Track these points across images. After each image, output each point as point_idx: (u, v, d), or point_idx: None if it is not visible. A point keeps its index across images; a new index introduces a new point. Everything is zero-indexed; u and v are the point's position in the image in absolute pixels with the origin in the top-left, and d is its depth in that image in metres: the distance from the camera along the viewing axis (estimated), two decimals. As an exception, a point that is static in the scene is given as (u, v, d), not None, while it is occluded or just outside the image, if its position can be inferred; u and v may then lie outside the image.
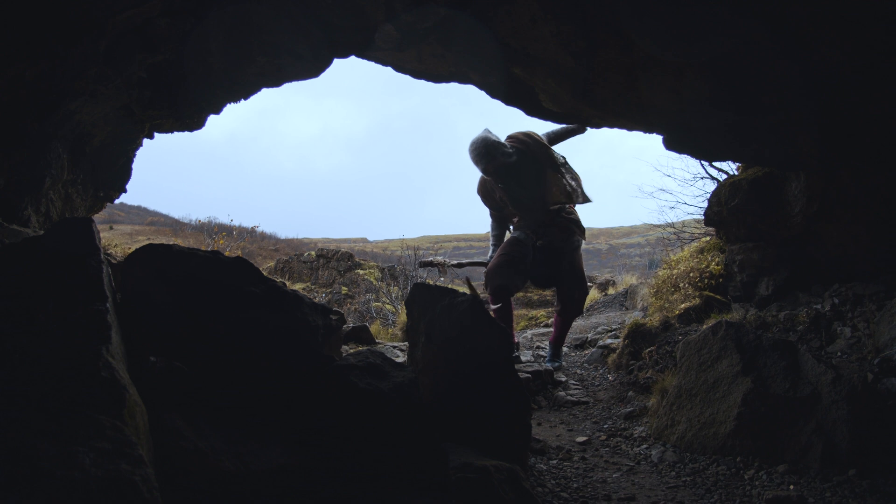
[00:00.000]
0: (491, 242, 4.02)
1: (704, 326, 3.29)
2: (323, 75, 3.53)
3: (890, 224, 3.06)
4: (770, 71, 2.51)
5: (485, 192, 3.82)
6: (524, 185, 3.55)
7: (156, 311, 1.59)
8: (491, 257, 3.91)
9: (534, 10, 2.67)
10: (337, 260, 14.38)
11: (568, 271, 3.65)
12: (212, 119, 3.76)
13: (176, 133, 3.76)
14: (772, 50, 2.39)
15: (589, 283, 10.18)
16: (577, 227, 3.73)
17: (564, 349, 4.90)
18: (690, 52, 2.54)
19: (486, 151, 3.38)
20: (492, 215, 4.02)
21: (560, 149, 3.96)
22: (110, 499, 0.91)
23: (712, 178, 6.74)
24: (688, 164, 11.64)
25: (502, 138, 3.68)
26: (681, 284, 4.20)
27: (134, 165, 3.83)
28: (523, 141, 3.60)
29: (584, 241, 3.83)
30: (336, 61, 3.44)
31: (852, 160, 2.91)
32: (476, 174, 3.80)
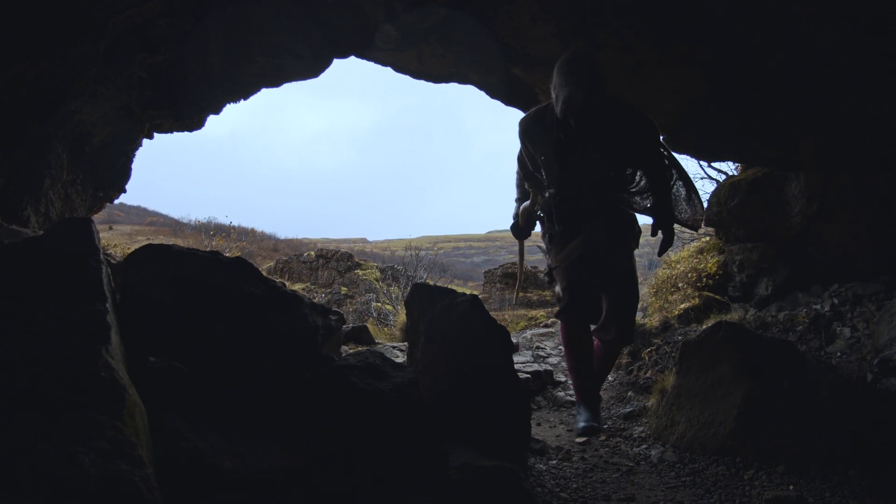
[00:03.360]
0: (515, 197, 3.12)
1: (704, 327, 3.29)
2: (328, 71, 3.50)
3: (890, 224, 3.06)
4: (770, 71, 2.51)
5: (531, 133, 2.70)
6: (588, 154, 2.60)
7: (155, 311, 1.60)
8: (516, 216, 3.05)
9: (534, 11, 2.67)
10: (336, 260, 14.37)
11: (615, 277, 2.70)
12: (213, 116, 3.75)
13: (175, 133, 3.76)
14: (772, 50, 2.40)
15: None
16: (634, 221, 2.81)
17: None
18: (690, 52, 2.54)
19: (592, 74, 2.41)
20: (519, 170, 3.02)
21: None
22: (110, 499, 0.91)
23: (711, 178, 6.74)
24: (687, 165, 11.65)
25: None
26: (680, 284, 4.21)
27: (133, 165, 3.84)
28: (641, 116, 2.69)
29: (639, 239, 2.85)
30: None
31: (852, 160, 2.92)
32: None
